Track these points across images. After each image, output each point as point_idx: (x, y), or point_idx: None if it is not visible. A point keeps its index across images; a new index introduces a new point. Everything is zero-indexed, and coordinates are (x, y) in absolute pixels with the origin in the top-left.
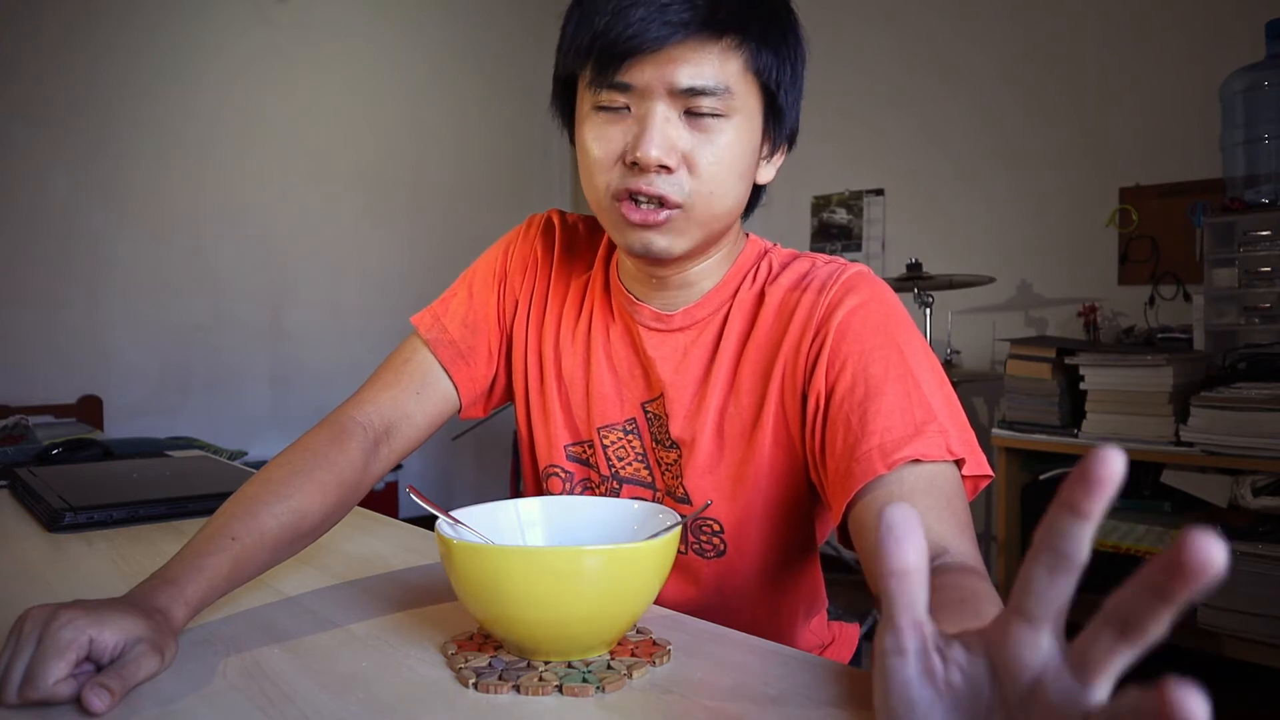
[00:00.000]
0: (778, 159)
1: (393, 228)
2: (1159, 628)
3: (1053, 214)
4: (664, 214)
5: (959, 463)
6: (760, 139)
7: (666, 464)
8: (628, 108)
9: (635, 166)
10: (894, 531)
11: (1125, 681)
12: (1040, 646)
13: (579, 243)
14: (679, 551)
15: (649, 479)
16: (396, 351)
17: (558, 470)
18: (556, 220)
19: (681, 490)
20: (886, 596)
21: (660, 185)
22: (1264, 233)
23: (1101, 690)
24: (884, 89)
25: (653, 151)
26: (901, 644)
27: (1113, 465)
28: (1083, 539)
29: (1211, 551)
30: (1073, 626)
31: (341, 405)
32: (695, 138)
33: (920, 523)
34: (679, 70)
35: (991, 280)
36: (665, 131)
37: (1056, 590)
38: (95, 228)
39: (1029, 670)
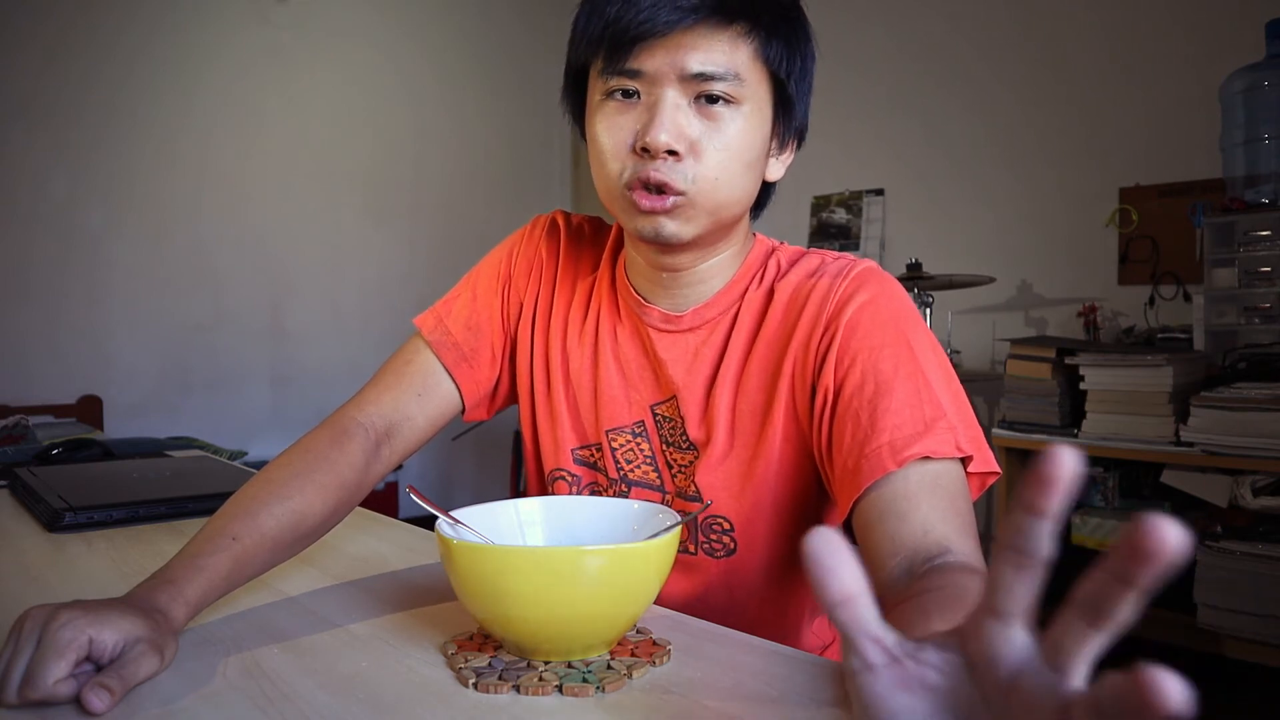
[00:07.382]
0: (787, 156)
1: (393, 228)
2: (1126, 612)
3: (1053, 214)
4: (669, 200)
5: (965, 460)
6: (770, 131)
7: (680, 465)
8: (638, 94)
9: (646, 153)
10: (822, 564)
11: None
12: (1013, 640)
13: (584, 243)
14: (689, 552)
15: (657, 481)
16: (399, 353)
17: (564, 474)
18: (561, 221)
19: (693, 489)
20: (838, 624)
21: (665, 172)
22: (1264, 233)
23: (1077, 678)
24: (884, 89)
25: (661, 136)
26: (866, 660)
27: (1066, 464)
28: (1043, 536)
29: (1168, 534)
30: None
31: (343, 406)
32: (705, 125)
33: (844, 543)
34: (689, 56)
35: (991, 280)
36: (675, 118)
37: (1023, 586)
38: (95, 227)
39: (1005, 663)
